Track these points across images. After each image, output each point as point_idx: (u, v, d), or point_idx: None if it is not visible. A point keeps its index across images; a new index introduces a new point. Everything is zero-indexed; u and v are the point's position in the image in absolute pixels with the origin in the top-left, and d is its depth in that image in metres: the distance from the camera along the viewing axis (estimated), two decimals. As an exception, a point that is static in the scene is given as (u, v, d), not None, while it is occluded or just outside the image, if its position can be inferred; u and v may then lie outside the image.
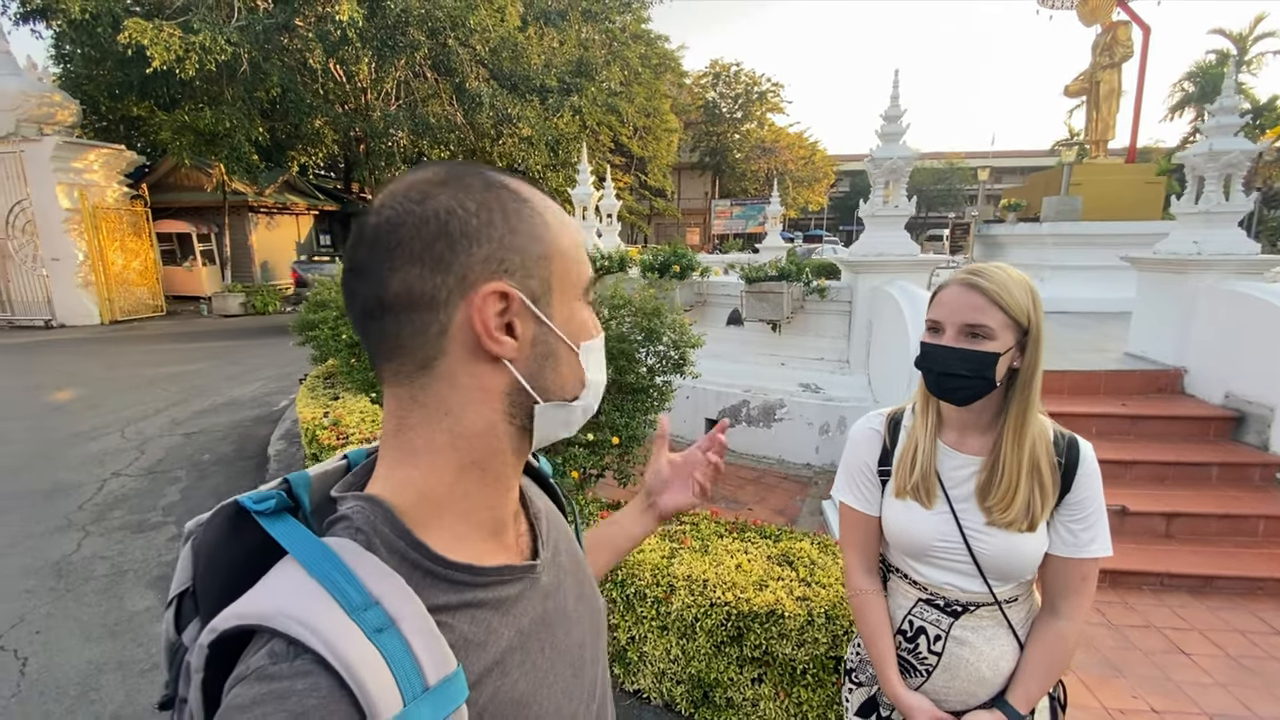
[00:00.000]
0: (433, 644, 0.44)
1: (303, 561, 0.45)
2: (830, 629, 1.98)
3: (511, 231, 0.50)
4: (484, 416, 0.51)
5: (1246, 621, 2.93)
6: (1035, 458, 1.10)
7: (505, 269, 0.49)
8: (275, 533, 0.48)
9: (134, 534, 4.08)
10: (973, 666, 1.15)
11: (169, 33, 11.02)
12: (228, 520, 0.51)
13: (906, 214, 4.82)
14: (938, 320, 1.13)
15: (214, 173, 15.61)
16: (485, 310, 0.48)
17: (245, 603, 0.44)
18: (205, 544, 0.51)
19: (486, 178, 0.51)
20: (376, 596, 0.44)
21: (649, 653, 2.28)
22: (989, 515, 1.12)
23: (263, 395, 7.62)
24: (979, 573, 1.14)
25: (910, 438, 1.21)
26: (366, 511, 0.49)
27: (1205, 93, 27.97)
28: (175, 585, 0.53)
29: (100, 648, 2.95)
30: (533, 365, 0.52)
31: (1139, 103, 9.02)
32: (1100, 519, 1.13)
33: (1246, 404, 3.96)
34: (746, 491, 4.53)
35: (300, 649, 0.40)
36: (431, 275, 0.48)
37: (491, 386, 0.51)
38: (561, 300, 0.53)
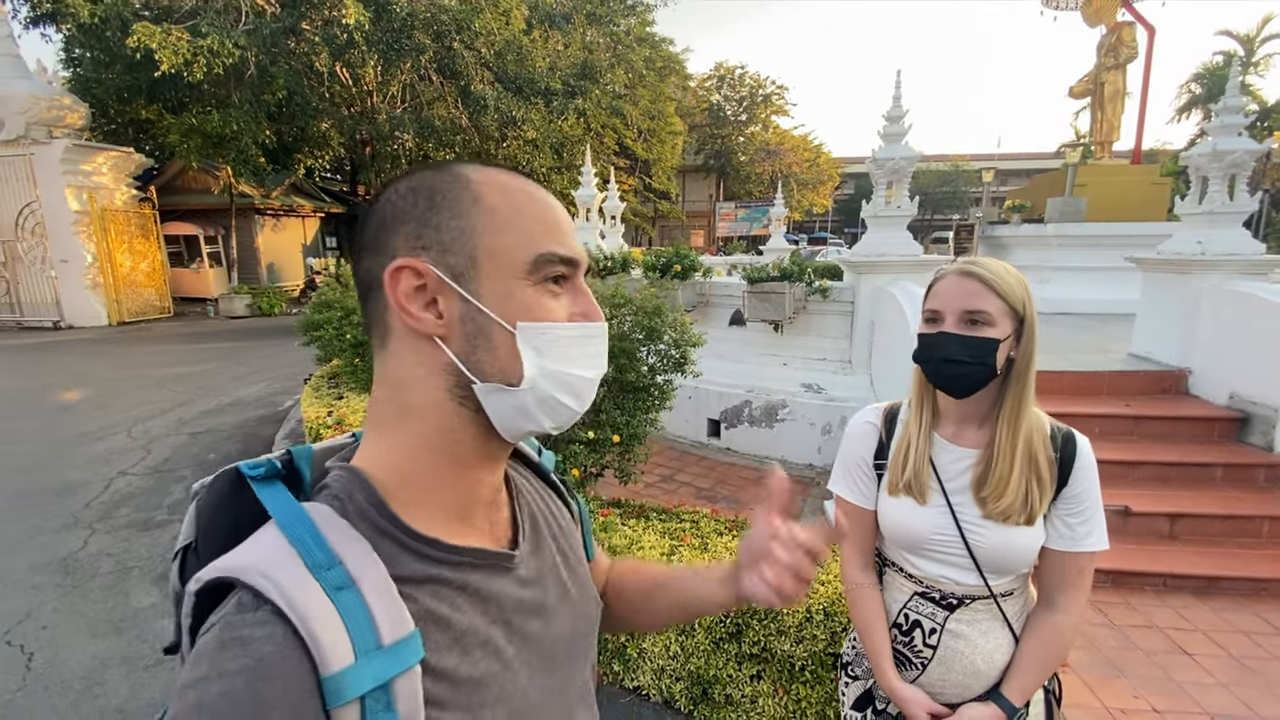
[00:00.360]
0: (391, 606, 0.47)
1: (279, 523, 0.49)
2: (828, 625, 1.98)
3: (432, 209, 0.52)
4: (428, 393, 0.53)
5: (1250, 622, 2.92)
6: (1031, 449, 1.10)
7: (421, 245, 0.51)
8: (262, 496, 0.52)
9: (140, 532, 4.11)
10: (967, 659, 1.16)
11: (177, 37, 11.13)
12: (228, 484, 0.55)
13: (909, 215, 4.83)
14: (936, 310, 1.13)
15: (221, 175, 15.71)
16: (396, 286, 0.51)
17: (227, 557, 0.47)
18: (206, 505, 0.56)
19: (439, 166, 0.54)
20: (340, 557, 0.47)
21: (648, 649, 2.29)
22: (984, 507, 1.12)
23: (268, 395, 7.66)
24: (975, 566, 1.14)
25: (904, 433, 1.22)
26: (345, 480, 0.53)
27: (1212, 94, 27.81)
28: (180, 540, 0.57)
29: (105, 643, 2.98)
30: (465, 344, 0.52)
31: (1144, 104, 9.00)
32: (1097, 513, 1.13)
33: (1251, 405, 3.94)
34: (748, 492, 4.54)
35: (262, 600, 0.44)
36: (374, 258, 0.53)
37: (431, 364, 0.53)
38: (494, 278, 0.52)
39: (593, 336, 0.57)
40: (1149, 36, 8.72)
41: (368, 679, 0.44)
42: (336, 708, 0.43)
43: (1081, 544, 1.12)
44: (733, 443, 5.36)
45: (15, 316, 14.14)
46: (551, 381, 0.54)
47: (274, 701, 0.41)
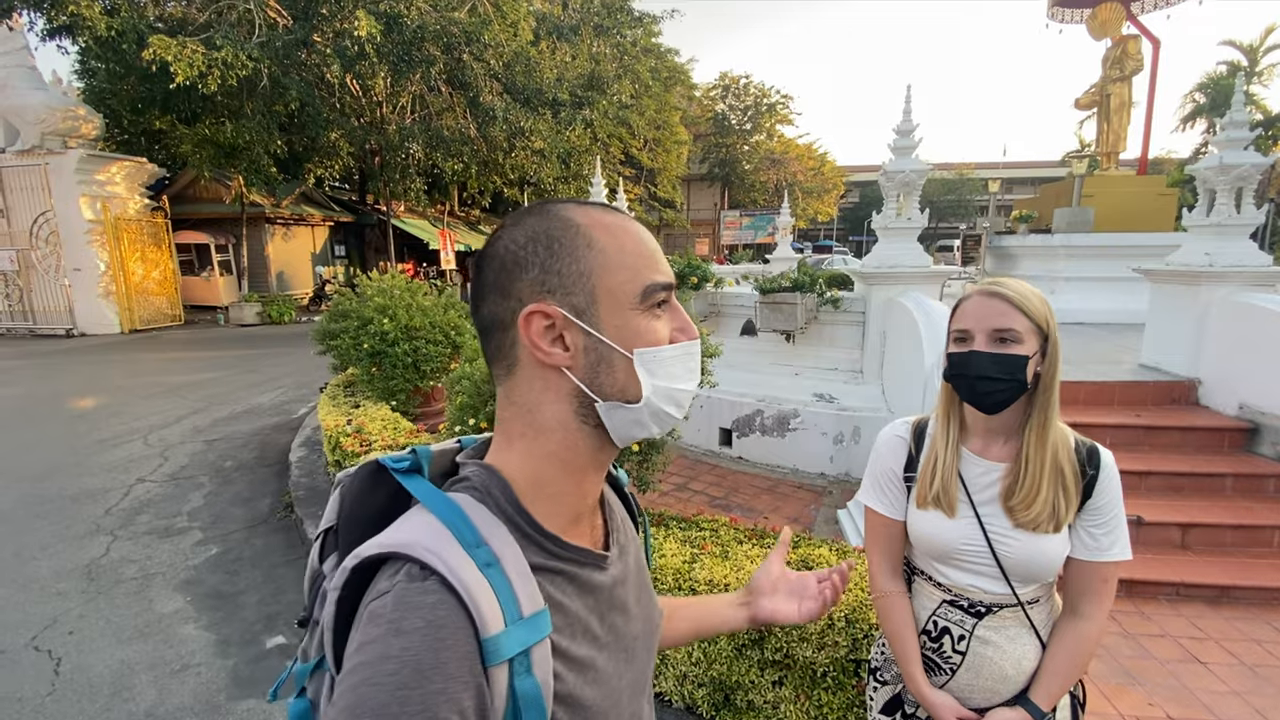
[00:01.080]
0: (527, 584, 0.54)
1: (431, 508, 0.55)
2: (850, 632, 2.02)
3: (552, 256, 0.57)
4: (556, 414, 0.59)
5: (1263, 631, 2.94)
6: (1058, 461, 1.15)
7: (546, 289, 0.57)
8: (409, 486, 0.58)
9: (161, 538, 4.17)
10: (996, 665, 1.20)
11: (192, 49, 11.30)
12: (370, 475, 0.62)
13: (919, 226, 4.88)
14: (966, 329, 1.18)
15: (233, 185, 15.90)
16: (530, 327, 0.57)
17: (386, 536, 0.53)
18: (350, 491, 0.62)
19: (543, 210, 0.59)
20: (486, 538, 0.53)
21: (671, 655, 2.33)
22: (1013, 517, 1.16)
23: (282, 403, 7.73)
24: (1002, 575, 1.18)
25: (932, 448, 1.26)
26: (484, 476, 0.59)
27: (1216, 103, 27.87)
28: (323, 523, 0.64)
29: (132, 648, 3.03)
30: (589, 371, 0.58)
31: (1149, 115, 9.06)
32: (1120, 524, 1.18)
33: (1260, 415, 3.97)
34: (761, 500, 4.57)
35: (430, 571, 0.49)
36: (501, 301, 0.59)
37: (558, 389, 0.59)
38: (610, 311, 0.58)
39: (691, 353, 0.64)
40: (1154, 49, 8.79)
41: (515, 644, 0.50)
42: (493, 666, 0.49)
43: (1105, 554, 1.17)
44: (745, 452, 5.41)
45: (28, 324, 14.30)
46: (661, 397, 0.61)
47: (449, 656, 0.47)
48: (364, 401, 4.88)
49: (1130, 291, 6.82)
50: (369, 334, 4.95)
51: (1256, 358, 4.01)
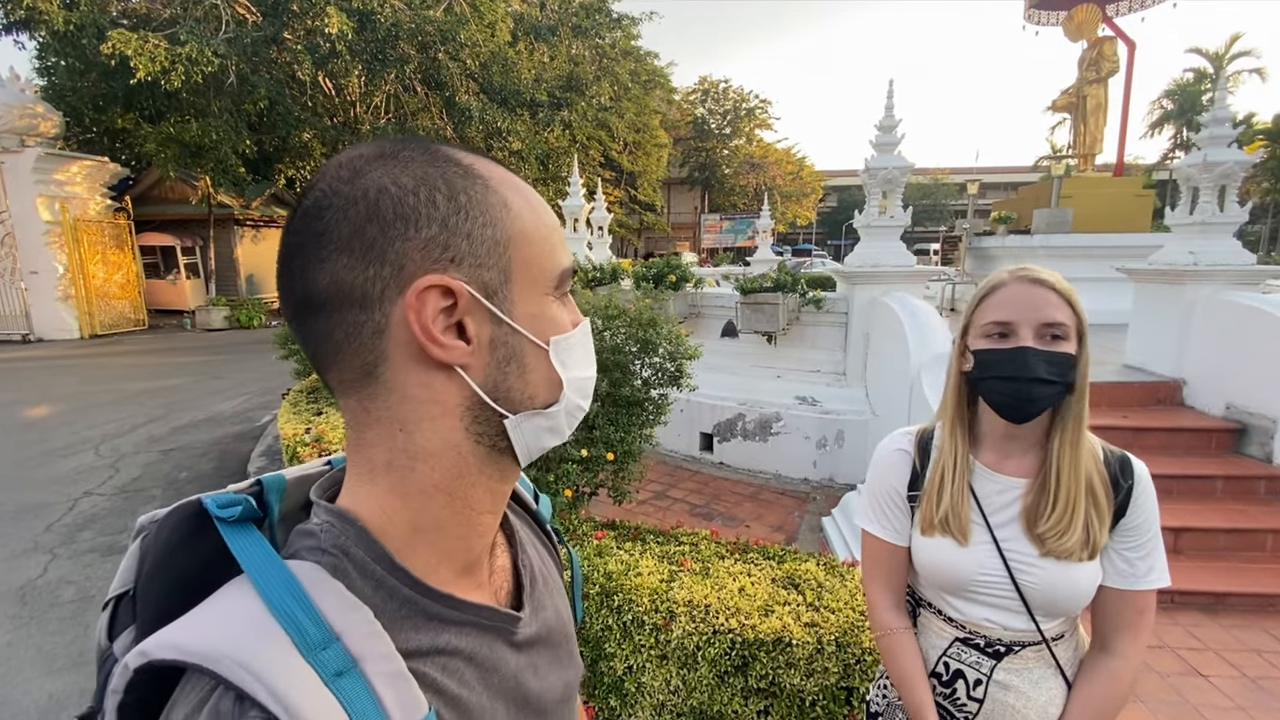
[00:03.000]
0: (401, 687, 0.39)
1: (258, 586, 0.40)
2: (841, 657, 1.86)
3: (458, 212, 0.43)
4: (440, 434, 0.44)
5: (1261, 640, 2.85)
6: (1090, 476, 0.99)
7: (451, 257, 0.42)
8: (234, 546, 0.42)
9: (104, 557, 3.89)
10: (1020, 714, 1.03)
11: (154, 44, 10.92)
12: (186, 520, 0.46)
13: (902, 224, 4.78)
14: (1008, 321, 0.99)
15: (199, 185, 15.44)
16: (423, 308, 0.41)
17: (186, 630, 0.38)
18: (156, 544, 0.46)
19: (431, 150, 0.44)
20: (338, 632, 0.39)
21: (647, 684, 2.14)
22: (1042, 545, 1.00)
23: (245, 411, 7.42)
24: (1025, 608, 1.02)
25: (938, 463, 1.09)
26: (335, 530, 0.44)
27: (1183, 110, 28.59)
28: (115, 586, 0.47)
29: (63, 680, 2.78)
30: (493, 372, 0.45)
31: (1125, 117, 9.13)
32: (1158, 545, 1.02)
33: (1248, 415, 3.91)
34: (744, 508, 4.42)
35: (249, 704, 0.35)
36: (362, 265, 0.41)
37: (446, 399, 0.44)
38: (526, 293, 0.46)
39: (588, 334, 0.53)
40: (1129, 51, 8.86)
41: None
42: None
43: (1143, 581, 1.00)
44: (726, 456, 5.25)
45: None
46: (575, 390, 0.50)
47: None
48: (327, 408, 4.64)
49: (1110, 291, 6.80)
50: (332, 337, 4.71)
51: (1243, 357, 3.95)
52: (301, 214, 0.43)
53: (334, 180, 0.42)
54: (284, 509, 0.50)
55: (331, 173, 0.43)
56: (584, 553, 2.39)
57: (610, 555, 2.36)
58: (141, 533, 0.48)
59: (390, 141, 0.44)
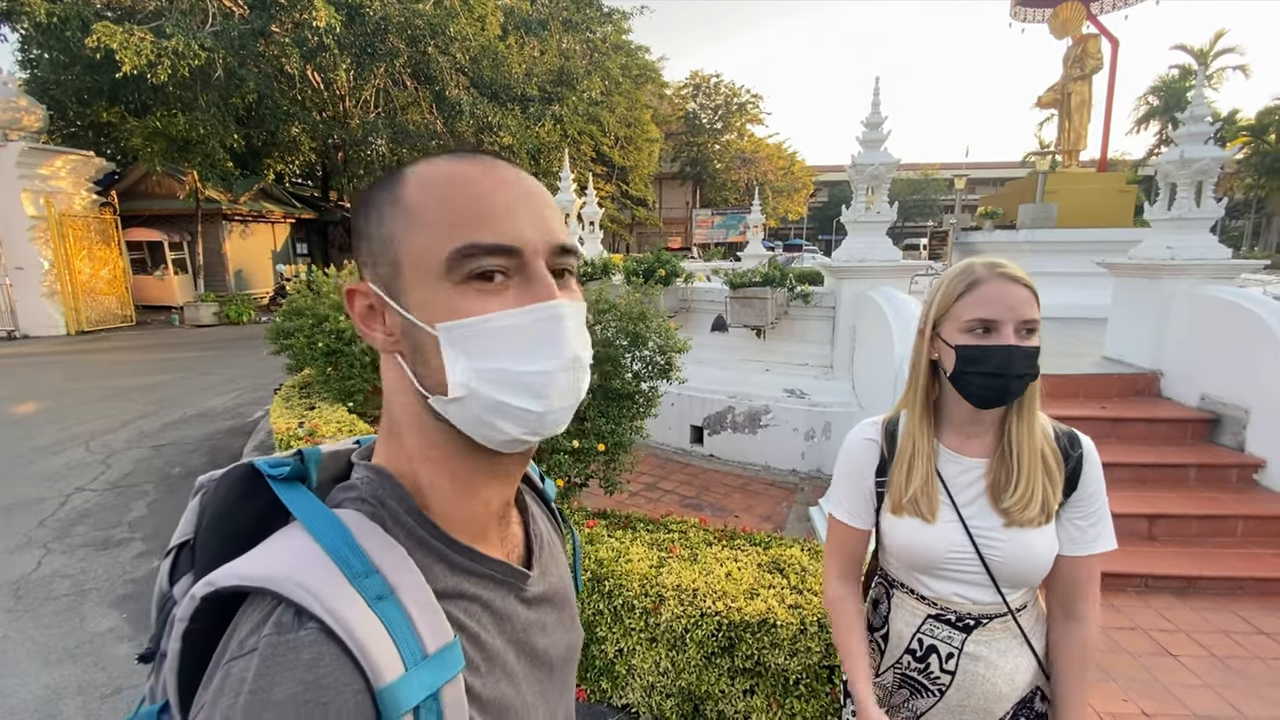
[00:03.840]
0: (430, 615, 0.45)
1: (310, 528, 0.46)
2: (823, 637, 1.94)
3: (368, 220, 0.50)
4: (407, 407, 0.51)
5: (1230, 622, 2.95)
6: (1043, 449, 1.08)
7: (364, 261, 0.51)
8: (286, 498, 0.48)
9: (98, 551, 3.91)
10: (989, 683, 1.10)
11: (140, 37, 10.79)
12: (240, 480, 0.52)
13: (888, 219, 4.85)
14: (991, 318, 1.04)
15: (187, 180, 15.26)
16: (351, 308, 0.51)
17: (249, 563, 0.44)
18: (214, 500, 0.52)
19: (389, 173, 0.51)
20: (377, 565, 0.45)
21: (638, 665, 2.21)
22: (1008, 516, 1.07)
23: (236, 406, 7.41)
24: (992, 582, 1.09)
25: (906, 448, 1.15)
26: (374, 482, 0.50)
27: (1169, 106, 28.86)
28: (176, 536, 0.53)
29: (60, 671, 2.81)
30: (411, 358, 0.50)
31: (1109, 113, 9.25)
32: (1105, 512, 1.11)
33: (1222, 406, 4.02)
34: (733, 499, 4.49)
35: (306, 617, 0.41)
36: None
37: (400, 378, 0.51)
38: (416, 281, 0.47)
39: (540, 319, 0.48)
40: (1113, 48, 8.97)
41: (420, 688, 0.42)
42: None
43: (1093, 546, 1.09)
44: (716, 449, 5.32)
45: (-34, 326, 13.54)
46: (491, 384, 0.47)
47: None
48: (320, 403, 4.66)
49: (1093, 286, 6.93)
50: (324, 332, 4.72)
51: (1217, 349, 4.06)
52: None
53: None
54: (319, 479, 0.55)
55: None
56: (575, 541, 2.45)
57: (601, 543, 2.42)
58: (201, 489, 0.54)
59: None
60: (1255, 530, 3.46)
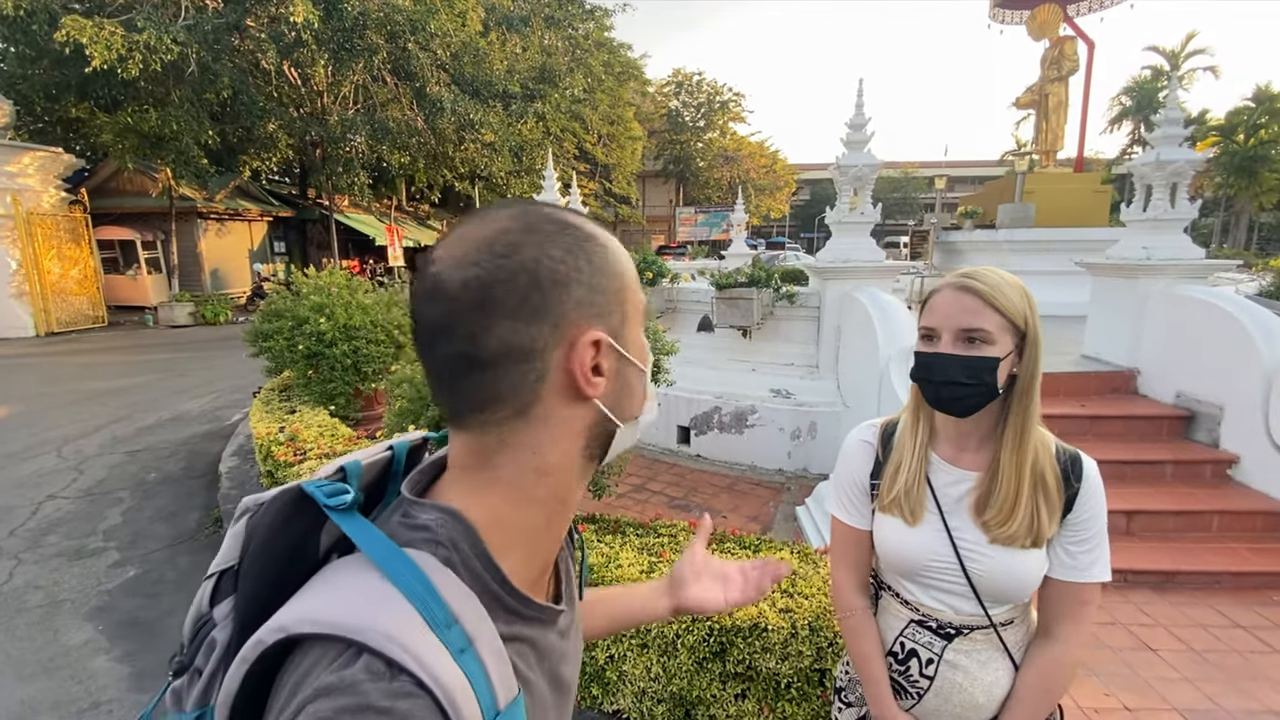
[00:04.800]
0: (502, 667, 0.46)
1: (386, 570, 0.44)
2: (814, 640, 1.94)
3: (596, 272, 0.51)
4: (567, 452, 0.53)
5: (1207, 616, 3.02)
6: (1039, 468, 1.06)
7: (595, 311, 0.51)
8: (353, 532, 0.47)
9: (71, 561, 3.81)
10: (966, 692, 1.11)
11: (110, 31, 10.54)
12: (290, 505, 0.50)
13: (872, 220, 4.89)
14: (932, 327, 1.07)
15: (159, 177, 14.93)
16: (584, 360, 0.50)
17: (324, 606, 0.43)
18: (262, 525, 0.50)
19: (559, 220, 0.51)
20: (456, 614, 0.44)
21: (628, 671, 2.20)
22: (988, 531, 1.06)
23: (214, 409, 7.27)
24: (974, 594, 1.09)
25: (897, 451, 1.16)
26: (450, 526, 0.49)
27: (1141, 106, 29.47)
28: (219, 561, 0.52)
29: (34, 686, 2.74)
30: (614, 397, 0.54)
31: (1085, 114, 9.42)
32: (1102, 541, 1.08)
33: (1196, 403, 4.11)
34: (721, 499, 4.50)
35: (397, 669, 0.39)
36: (528, 327, 0.48)
37: (579, 424, 0.52)
38: (634, 329, 0.55)
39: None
40: (1089, 50, 9.13)
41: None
42: None
43: (1085, 574, 1.07)
44: (703, 449, 5.33)
45: (-71, 328, 13.14)
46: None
47: None
48: (300, 406, 4.59)
49: (1071, 284, 7.04)
50: (304, 334, 4.65)
51: (1191, 348, 4.15)
52: (460, 287, 0.47)
53: (492, 256, 0.47)
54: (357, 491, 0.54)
55: (485, 249, 0.48)
56: (565, 546, 2.44)
57: (591, 548, 2.41)
58: (246, 513, 0.52)
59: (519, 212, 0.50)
60: (1230, 525, 3.54)
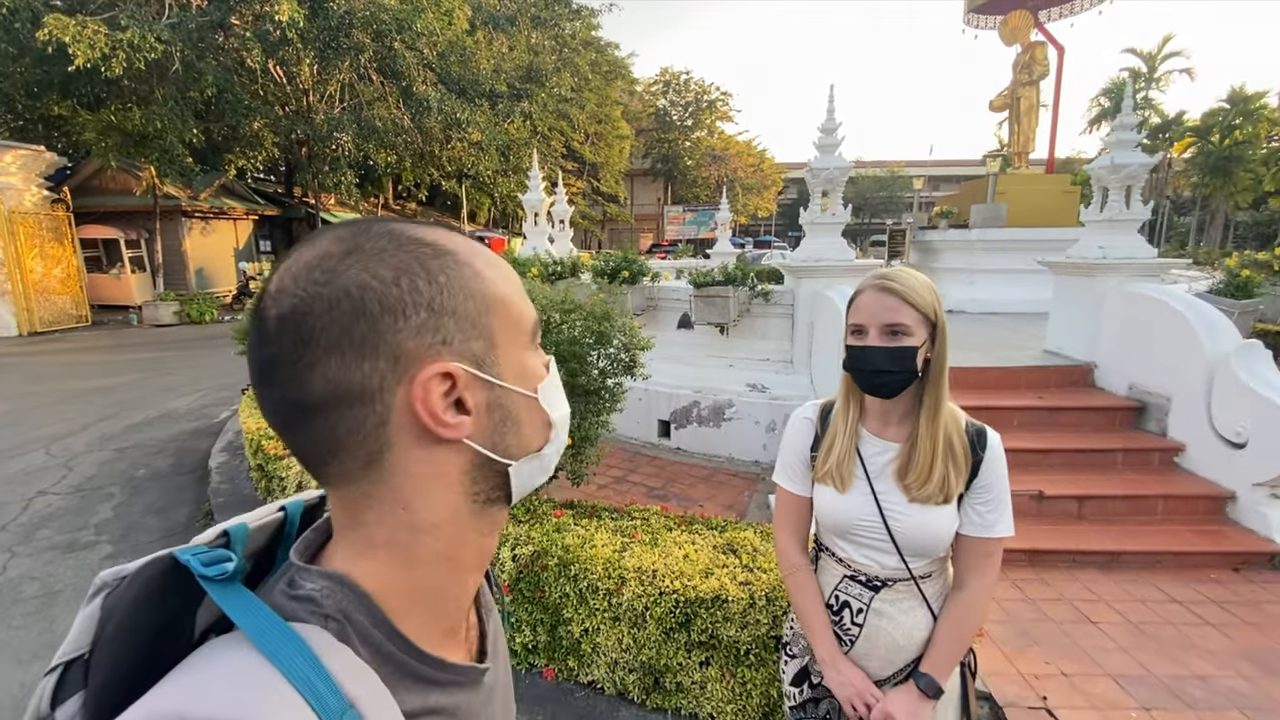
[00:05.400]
0: None
1: (266, 650, 0.38)
2: (770, 610, 2.11)
3: (440, 293, 0.44)
4: (447, 503, 0.46)
5: (1147, 592, 3.23)
6: (949, 437, 1.24)
7: (442, 339, 0.43)
8: (231, 609, 0.40)
9: (64, 554, 3.91)
10: (889, 636, 1.29)
11: (93, 29, 10.51)
12: (159, 577, 0.42)
13: (843, 221, 5.07)
14: (860, 324, 1.25)
15: (143, 175, 14.87)
16: (429, 398, 0.43)
17: (190, 698, 0.35)
18: (123, 602, 0.41)
19: (396, 235, 0.45)
20: (352, 699, 0.38)
21: (602, 643, 2.36)
22: (909, 492, 1.24)
23: (201, 407, 7.34)
24: (896, 549, 1.27)
25: (832, 428, 1.34)
26: (337, 594, 0.43)
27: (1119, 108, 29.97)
28: (65, 650, 0.41)
29: (33, 669, 2.85)
30: (493, 434, 0.47)
31: (1055, 117, 9.68)
32: (1005, 502, 1.26)
33: (1147, 395, 4.33)
34: (698, 490, 4.67)
35: None
36: (357, 363, 0.41)
37: (450, 470, 0.46)
38: (509, 352, 0.48)
39: (555, 371, 0.56)
40: (1059, 55, 9.39)
41: None
42: None
43: (991, 530, 1.26)
44: (683, 442, 5.50)
45: (-91, 327, 13.03)
46: (561, 427, 0.53)
47: None
48: (290, 402, 4.70)
49: (1039, 282, 7.28)
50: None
51: (1143, 342, 4.37)
52: (276, 322, 0.41)
53: (308, 284, 0.41)
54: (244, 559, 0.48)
55: (302, 274, 0.42)
56: (543, 529, 2.60)
57: (568, 531, 2.57)
58: (104, 589, 0.42)
59: (347, 231, 0.44)
60: (1174, 509, 3.76)
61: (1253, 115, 26.83)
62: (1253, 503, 3.61)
